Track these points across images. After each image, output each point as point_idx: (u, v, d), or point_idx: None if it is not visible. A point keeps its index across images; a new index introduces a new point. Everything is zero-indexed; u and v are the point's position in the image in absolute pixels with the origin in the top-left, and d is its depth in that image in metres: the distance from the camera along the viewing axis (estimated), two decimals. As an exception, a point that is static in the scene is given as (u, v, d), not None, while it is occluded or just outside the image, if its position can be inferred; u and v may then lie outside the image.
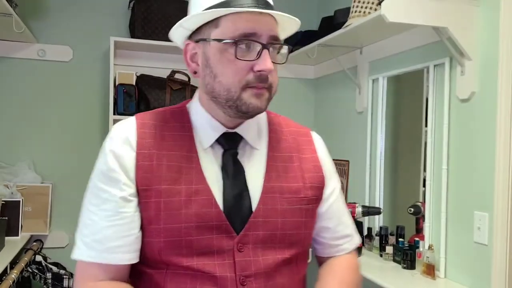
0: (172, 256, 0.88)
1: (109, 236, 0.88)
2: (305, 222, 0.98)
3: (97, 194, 0.91)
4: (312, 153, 1.05)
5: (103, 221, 0.89)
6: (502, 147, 1.66)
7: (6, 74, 2.67)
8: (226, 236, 0.90)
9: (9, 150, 2.65)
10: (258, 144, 1.00)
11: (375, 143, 2.46)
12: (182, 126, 0.97)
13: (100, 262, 0.88)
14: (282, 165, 0.99)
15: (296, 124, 1.11)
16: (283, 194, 0.96)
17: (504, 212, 1.65)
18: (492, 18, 1.72)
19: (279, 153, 1.01)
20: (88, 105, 2.79)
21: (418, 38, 2.10)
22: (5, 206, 2.33)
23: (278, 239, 0.94)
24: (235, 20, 0.88)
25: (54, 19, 2.74)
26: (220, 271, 0.88)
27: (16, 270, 2.10)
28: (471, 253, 1.80)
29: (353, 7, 2.21)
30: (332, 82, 2.99)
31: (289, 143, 1.04)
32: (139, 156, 0.91)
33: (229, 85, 0.89)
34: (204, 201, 0.90)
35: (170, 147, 0.93)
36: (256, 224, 0.92)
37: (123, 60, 2.79)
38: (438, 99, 2.00)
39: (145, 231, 0.90)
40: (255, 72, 0.88)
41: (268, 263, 0.92)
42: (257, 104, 0.90)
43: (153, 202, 0.89)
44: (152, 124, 0.96)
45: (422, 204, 2.09)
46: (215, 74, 0.90)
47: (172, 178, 0.90)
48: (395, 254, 2.13)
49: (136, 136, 0.93)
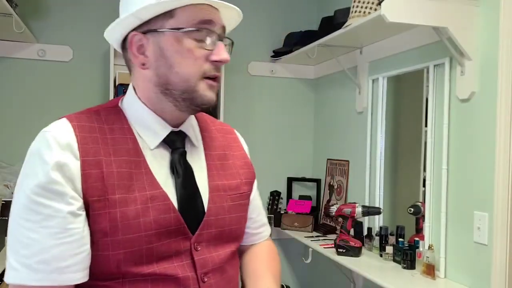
0: (132, 266, 0.83)
1: (57, 255, 0.78)
2: (244, 216, 1.03)
3: (35, 210, 0.79)
4: (240, 150, 1.09)
5: (48, 239, 0.78)
6: (502, 147, 1.66)
7: (6, 74, 2.67)
8: (183, 237, 0.89)
9: (9, 150, 2.65)
10: (197, 142, 1.00)
11: (375, 143, 2.46)
12: (122, 128, 0.90)
13: (48, 284, 0.78)
14: (219, 163, 1.01)
15: (220, 122, 1.13)
16: (226, 192, 0.99)
17: (504, 212, 1.65)
18: (492, 18, 1.72)
19: (214, 151, 1.02)
20: (88, 105, 2.76)
21: (418, 38, 2.10)
22: (5, 206, 2.33)
23: (226, 234, 0.97)
24: (191, 10, 0.87)
25: (54, 19, 2.74)
26: (182, 271, 0.88)
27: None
28: (471, 253, 1.80)
29: (353, 7, 2.21)
30: (332, 82, 2.99)
31: (220, 141, 1.06)
32: (84, 164, 0.82)
33: (187, 75, 0.87)
34: (161, 206, 0.87)
35: (116, 152, 0.86)
36: (209, 222, 0.93)
37: (123, 60, 2.77)
38: (438, 99, 2.00)
39: (97, 245, 0.82)
40: (211, 62, 0.88)
41: (220, 258, 0.95)
42: (211, 96, 0.90)
43: (107, 213, 0.82)
44: (90, 126, 0.87)
45: (422, 204, 2.09)
46: (171, 65, 0.88)
47: (125, 186, 0.84)
48: (395, 254, 2.13)
49: (77, 141, 0.83)
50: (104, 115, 0.91)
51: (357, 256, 2.23)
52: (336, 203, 2.63)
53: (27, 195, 0.80)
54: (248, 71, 3.08)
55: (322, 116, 3.15)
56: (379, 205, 2.41)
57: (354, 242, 2.24)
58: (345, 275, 2.62)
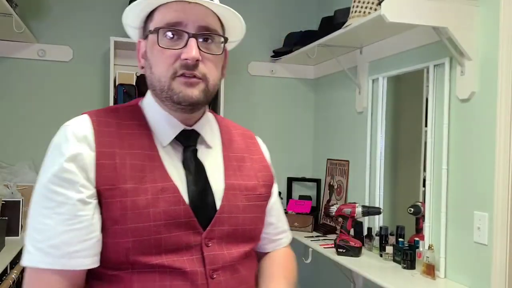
0: (140, 255, 0.86)
1: (67, 241, 0.83)
2: (260, 217, 1.04)
3: (49, 197, 0.84)
4: (259, 154, 1.11)
5: (60, 225, 0.83)
6: (502, 147, 1.66)
7: (6, 74, 2.67)
8: (194, 232, 0.91)
9: (9, 150, 2.65)
10: (213, 143, 1.03)
11: (375, 143, 2.46)
12: (139, 124, 0.96)
13: (58, 268, 0.82)
14: (237, 164, 1.03)
15: (242, 127, 1.16)
16: (242, 191, 1.00)
17: (504, 212, 1.65)
18: (492, 18, 1.72)
19: (232, 153, 1.05)
20: (88, 105, 2.78)
21: (418, 38, 2.10)
22: (5, 206, 2.33)
23: (240, 233, 0.97)
24: (164, 11, 0.91)
25: (54, 19, 2.74)
26: (190, 266, 0.89)
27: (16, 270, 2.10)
28: (471, 253, 1.80)
29: (353, 7, 2.21)
30: (332, 82, 2.99)
31: (240, 144, 1.08)
32: (99, 155, 0.87)
33: (159, 74, 0.91)
34: (171, 198, 0.89)
35: (130, 146, 0.91)
36: (221, 219, 0.94)
37: (123, 60, 2.79)
38: (438, 99, 2.00)
39: (108, 232, 0.86)
40: (181, 60, 0.89)
41: (232, 256, 0.95)
42: (187, 93, 0.90)
43: (118, 201, 0.85)
44: (107, 121, 0.93)
45: (422, 204, 2.09)
46: (150, 66, 0.93)
47: (137, 177, 0.88)
48: (395, 254, 2.13)
49: (93, 134, 0.89)
50: (122, 112, 0.97)
51: (357, 256, 2.23)
52: (336, 203, 2.63)
53: (44, 184, 0.85)
54: (248, 71, 3.08)
55: (322, 116, 3.15)
56: (379, 205, 2.41)
57: (354, 242, 2.24)
58: (345, 275, 2.62)
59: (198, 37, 0.90)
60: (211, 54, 0.92)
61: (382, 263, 2.15)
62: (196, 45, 0.89)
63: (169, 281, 0.87)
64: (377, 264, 2.13)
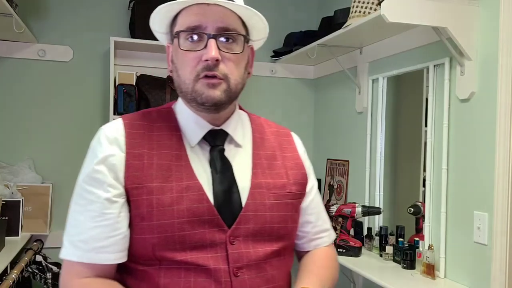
0: (166, 251, 0.90)
1: (94, 236, 0.90)
2: (291, 215, 1.03)
3: (83, 196, 0.92)
4: (293, 152, 1.10)
5: (89, 221, 0.90)
6: (502, 147, 1.66)
7: (6, 74, 2.67)
8: (218, 229, 0.92)
9: (9, 150, 2.65)
10: (243, 141, 1.04)
11: (375, 143, 2.46)
12: (169, 126, 1.00)
13: (86, 262, 0.90)
14: (266, 162, 1.04)
15: (277, 125, 1.16)
16: (270, 190, 1.00)
17: (504, 212, 1.65)
18: (492, 18, 1.72)
19: (263, 151, 1.05)
20: (88, 105, 2.79)
21: (418, 38, 2.10)
22: (5, 206, 2.33)
23: (267, 232, 0.97)
24: (185, 15, 0.94)
25: (54, 19, 2.74)
26: (214, 263, 0.91)
27: (16, 270, 2.10)
28: (471, 253, 1.80)
29: (353, 7, 2.21)
30: (332, 82, 2.99)
31: (272, 142, 1.09)
32: (128, 156, 0.93)
33: (184, 77, 0.94)
34: (195, 196, 0.92)
35: (159, 146, 0.96)
36: (246, 217, 0.95)
37: (123, 60, 2.79)
38: (438, 99, 2.00)
39: (136, 229, 0.91)
40: (203, 61, 0.92)
41: (258, 255, 0.95)
42: (210, 94, 0.93)
43: (145, 199, 0.91)
44: (139, 124, 0.98)
45: (422, 204, 2.09)
46: (176, 69, 0.97)
47: (163, 176, 0.93)
48: (395, 254, 2.13)
49: (125, 136, 0.95)
50: (155, 115, 1.02)
51: (357, 256, 2.23)
52: (336, 203, 2.63)
53: (79, 183, 0.94)
54: (248, 71, 3.08)
55: (322, 116, 3.15)
56: (379, 205, 2.41)
57: (354, 242, 2.24)
58: (345, 275, 2.62)
59: (218, 37, 0.92)
60: (231, 53, 0.94)
61: (382, 263, 2.15)
62: (216, 45, 0.91)
63: (193, 278, 0.90)
64: (377, 264, 2.13)
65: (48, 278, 2.45)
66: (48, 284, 2.44)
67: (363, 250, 2.30)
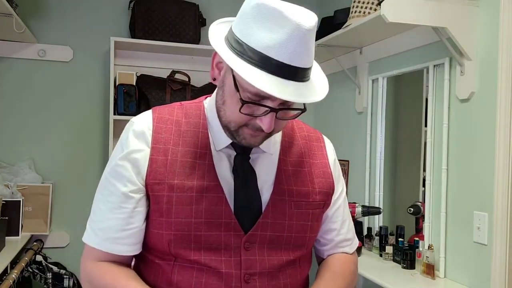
0: (181, 249, 0.91)
1: (110, 227, 0.93)
2: (310, 225, 1.00)
3: (106, 186, 0.95)
4: (323, 159, 1.06)
5: (108, 212, 0.93)
6: (502, 147, 1.66)
7: (6, 74, 2.67)
8: (234, 234, 0.92)
9: (9, 150, 2.65)
10: (270, 148, 1.01)
11: (375, 143, 2.46)
12: (198, 123, 0.98)
13: (101, 249, 0.94)
14: (292, 169, 1.01)
15: (309, 128, 1.12)
16: (292, 197, 0.98)
17: (504, 212, 1.65)
18: (492, 18, 1.72)
19: (290, 157, 1.02)
20: (88, 105, 2.79)
21: (418, 38, 2.10)
22: (6, 206, 2.33)
23: (285, 240, 0.96)
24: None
25: (54, 19, 2.74)
26: (226, 267, 0.91)
27: (17, 270, 2.10)
28: (471, 253, 1.80)
29: (353, 7, 2.21)
30: (332, 82, 2.97)
31: (301, 147, 1.05)
32: (153, 151, 0.93)
33: (229, 117, 0.90)
34: (214, 198, 0.92)
35: (185, 143, 0.95)
36: (264, 224, 0.94)
37: (123, 60, 2.79)
38: (438, 99, 2.00)
39: (154, 223, 0.93)
40: (256, 123, 0.88)
41: (272, 263, 0.94)
42: (251, 142, 0.92)
43: (165, 196, 0.91)
44: (168, 119, 0.98)
45: (422, 204, 2.09)
46: (224, 101, 0.91)
47: (185, 174, 0.92)
48: (395, 254, 2.13)
49: (153, 130, 0.95)
50: (186, 108, 1.01)
51: (357, 256, 2.22)
52: (336, 203, 2.63)
53: (105, 174, 0.97)
54: (248, 71, 3.07)
55: (322, 116, 3.15)
56: (379, 205, 2.41)
57: (354, 242, 2.24)
58: (345, 275, 2.62)
59: (278, 111, 0.87)
60: (284, 119, 0.91)
61: (382, 263, 2.15)
62: (274, 118, 0.87)
63: (204, 279, 0.91)
64: (377, 264, 2.13)
65: (48, 278, 2.45)
66: (48, 284, 2.45)
67: (363, 250, 2.30)
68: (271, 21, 0.81)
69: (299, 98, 0.84)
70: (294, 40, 0.80)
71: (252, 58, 0.81)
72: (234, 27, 0.86)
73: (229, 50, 0.85)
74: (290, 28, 0.80)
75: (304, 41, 0.81)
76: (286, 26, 0.80)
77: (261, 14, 0.81)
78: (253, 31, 0.82)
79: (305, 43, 0.82)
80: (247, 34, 0.82)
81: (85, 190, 2.74)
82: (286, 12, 0.80)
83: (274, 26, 0.80)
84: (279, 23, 0.80)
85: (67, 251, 2.71)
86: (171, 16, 2.72)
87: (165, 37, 2.70)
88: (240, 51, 0.83)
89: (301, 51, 0.82)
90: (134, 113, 2.61)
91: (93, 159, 2.78)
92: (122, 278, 0.92)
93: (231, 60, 0.83)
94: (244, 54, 0.82)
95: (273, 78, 0.81)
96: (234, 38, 0.85)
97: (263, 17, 0.81)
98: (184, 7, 2.77)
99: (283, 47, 0.80)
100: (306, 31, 0.81)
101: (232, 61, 0.83)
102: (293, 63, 0.82)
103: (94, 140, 2.77)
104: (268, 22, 0.81)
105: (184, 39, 2.74)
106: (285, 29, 0.80)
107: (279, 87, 0.81)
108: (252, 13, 0.82)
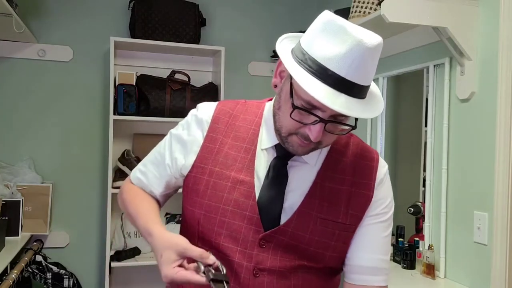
0: (206, 229, 0.99)
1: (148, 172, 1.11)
2: (334, 245, 0.99)
3: (161, 145, 1.11)
4: (368, 180, 1.02)
5: (152, 163, 1.10)
6: (502, 147, 1.66)
7: (6, 74, 2.67)
8: (254, 229, 0.97)
9: (9, 150, 2.65)
10: (311, 159, 1.00)
11: (375, 143, 2.46)
12: (253, 121, 1.04)
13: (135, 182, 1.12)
14: (329, 185, 0.99)
15: (366, 147, 1.08)
16: (320, 213, 0.97)
17: (504, 212, 1.65)
18: (492, 18, 1.72)
19: (331, 173, 1.01)
20: (88, 105, 2.79)
21: (418, 38, 2.10)
22: (5, 206, 2.33)
23: (300, 251, 0.97)
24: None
25: (54, 19, 2.74)
26: (239, 258, 0.96)
27: (16, 270, 2.10)
28: (471, 253, 1.80)
29: (353, 7, 2.20)
30: (332, 82, 2.99)
31: (347, 165, 1.02)
32: (207, 138, 1.03)
33: (282, 123, 0.94)
34: (245, 192, 0.98)
35: (234, 137, 1.03)
36: (284, 232, 0.97)
37: (123, 60, 2.79)
38: (438, 99, 2.00)
39: (190, 201, 1.03)
40: (305, 131, 0.90)
41: (284, 264, 0.97)
42: (298, 151, 0.95)
43: (205, 179, 1.00)
44: (228, 112, 1.05)
45: (422, 204, 2.09)
46: (280, 107, 0.95)
47: (226, 164, 1.00)
48: (395, 254, 2.13)
49: (212, 120, 1.04)
50: (248, 106, 1.08)
51: None
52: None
53: (168, 135, 1.11)
54: (248, 71, 3.07)
55: (322, 116, 3.15)
56: (379, 205, 2.41)
57: (354, 242, 2.24)
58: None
59: (327, 122, 0.88)
60: (333, 134, 0.92)
61: (382, 263, 2.14)
62: (322, 129, 0.88)
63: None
64: (377, 264, 2.12)
65: (48, 278, 2.45)
66: (48, 284, 2.44)
67: (363, 250, 2.29)
68: (335, 36, 0.85)
69: (348, 111, 0.85)
70: (353, 55, 0.83)
71: (311, 67, 0.85)
72: (302, 39, 0.91)
73: (292, 59, 0.90)
74: (351, 43, 0.83)
75: (364, 58, 0.84)
76: (348, 40, 0.83)
77: (328, 28, 0.86)
78: (316, 42, 0.86)
79: (364, 60, 0.84)
80: (311, 45, 0.87)
81: (85, 190, 2.75)
82: (350, 29, 0.84)
83: (337, 40, 0.84)
84: (342, 37, 0.84)
85: (67, 251, 2.71)
86: (171, 16, 2.72)
87: (165, 37, 2.70)
88: (302, 59, 0.87)
89: (359, 67, 0.84)
90: (134, 113, 2.61)
91: (93, 159, 2.77)
92: (140, 197, 1.08)
93: (291, 66, 0.87)
94: (304, 62, 0.86)
95: (327, 88, 0.84)
96: (299, 48, 0.90)
97: (329, 32, 0.86)
98: (184, 7, 2.77)
99: (341, 60, 0.83)
100: (366, 48, 0.83)
101: (291, 66, 0.87)
102: (349, 77, 0.84)
103: (94, 140, 2.77)
104: (332, 36, 0.85)
105: (184, 39, 2.74)
106: (347, 43, 0.83)
107: (331, 98, 0.83)
108: (320, 27, 0.88)
